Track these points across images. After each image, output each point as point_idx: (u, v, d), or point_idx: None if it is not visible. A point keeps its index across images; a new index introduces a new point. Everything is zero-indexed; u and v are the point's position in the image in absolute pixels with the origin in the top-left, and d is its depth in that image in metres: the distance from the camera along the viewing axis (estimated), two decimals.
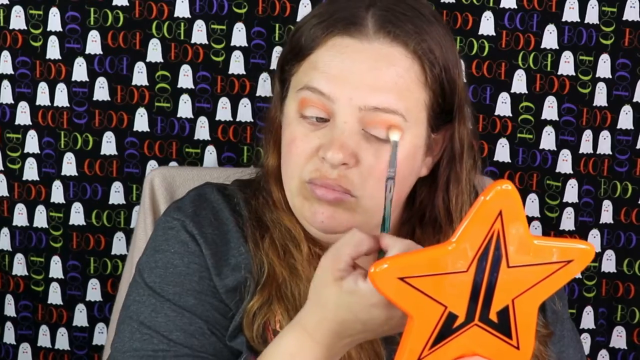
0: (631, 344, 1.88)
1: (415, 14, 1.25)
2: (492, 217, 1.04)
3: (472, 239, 1.04)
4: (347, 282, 1.07)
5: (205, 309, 1.26)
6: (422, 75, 1.23)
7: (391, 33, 1.22)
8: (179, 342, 1.24)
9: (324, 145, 1.22)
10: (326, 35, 1.24)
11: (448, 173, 1.30)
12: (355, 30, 1.23)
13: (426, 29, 1.24)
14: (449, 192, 1.30)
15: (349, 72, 1.21)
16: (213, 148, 1.80)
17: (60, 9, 1.75)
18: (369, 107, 1.21)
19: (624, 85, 1.81)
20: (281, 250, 1.28)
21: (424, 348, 1.06)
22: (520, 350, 1.10)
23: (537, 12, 1.79)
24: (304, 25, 1.28)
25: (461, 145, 1.29)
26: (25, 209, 1.80)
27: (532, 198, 1.82)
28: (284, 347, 1.13)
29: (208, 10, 1.77)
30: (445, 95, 1.26)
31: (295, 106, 1.25)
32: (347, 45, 1.23)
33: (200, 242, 1.28)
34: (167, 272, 1.28)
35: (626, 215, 1.85)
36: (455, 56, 1.28)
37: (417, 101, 1.23)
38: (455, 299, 1.06)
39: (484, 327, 1.08)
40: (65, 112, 1.78)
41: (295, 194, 1.26)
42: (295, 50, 1.28)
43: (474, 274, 1.05)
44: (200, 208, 1.31)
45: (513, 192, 1.05)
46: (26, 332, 1.83)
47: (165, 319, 1.25)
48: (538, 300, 1.10)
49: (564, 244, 1.10)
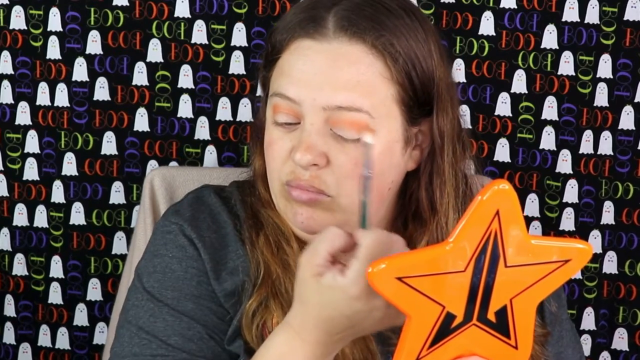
0: (633, 345, 1.88)
1: (377, 10, 1.24)
2: (489, 216, 1.04)
3: (470, 238, 1.04)
4: (325, 278, 1.07)
5: (203, 313, 1.26)
6: (386, 70, 1.23)
7: (349, 31, 1.22)
8: (177, 347, 1.24)
9: (294, 147, 1.23)
10: (290, 39, 1.25)
11: (430, 166, 1.29)
12: (315, 31, 1.23)
13: (387, 23, 1.23)
14: (432, 185, 1.29)
15: (311, 74, 1.22)
16: (213, 148, 1.80)
17: (61, 9, 1.75)
18: (333, 106, 1.21)
19: (625, 86, 1.81)
20: (274, 247, 1.28)
21: (422, 348, 1.06)
22: (518, 350, 1.10)
23: (537, 12, 1.78)
24: (275, 29, 1.29)
25: (441, 136, 1.27)
26: (25, 209, 1.80)
27: (532, 198, 1.82)
28: (274, 347, 1.13)
29: (208, 10, 1.77)
30: (415, 87, 1.25)
31: (270, 112, 1.27)
32: (309, 47, 1.23)
33: (198, 246, 1.29)
34: (165, 277, 1.28)
35: (628, 216, 1.85)
36: (429, 46, 1.26)
37: (384, 97, 1.23)
38: (453, 298, 1.05)
39: (482, 327, 1.08)
40: (65, 112, 1.78)
41: (277, 195, 1.28)
42: (267, 54, 1.29)
43: (471, 273, 1.05)
44: (198, 211, 1.32)
45: (510, 192, 1.04)
46: (26, 332, 1.84)
47: (163, 324, 1.26)
48: (536, 299, 1.09)
49: (561, 244, 1.10)
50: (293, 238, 1.29)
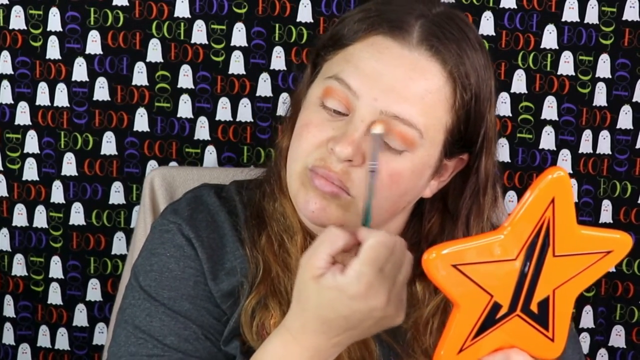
0: (630, 343, 1.89)
1: (462, 37, 1.22)
2: (544, 204, 1.03)
3: (524, 226, 1.04)
4: (325, 279, 1.07)
5: (200, 313, 1.26)
6: (452, 97, 1.21)
7: (433, 47, 1.20)
8: (173, 347, 1.24)
9: (336, 137, 1.20)
10: (369, 32, 1.22)
11: (470, 206, 1.28)
12: (400, 34, 1.20)
13: (468, 53, 1.22)
14: (469, 226, 1.28)
15: (382, 74, 1.19)
16: (213, 148, 1.80)
17: (60, 9, 1.75)
18: (390, 113, 1.19)
19: (623, 85, 1.81)
20: (277, 245, 1.27)
21: (467, 338, 1.05)
22: (554, 342, 1.09)
23: (537, 12, 1.79)
24: (349, 16, 1.26)
25: (486, 177, 1.27)
26: (25, 209, 1.80)
27: None
28: (271, 351, 1.13)
29: (208, 10, 1.77)
30: (469, 123, 1.24)
31: (319, 92, 1.23)
32: (388, 47, 1.20)
33: (196, 246, 1.28)
34: (162, 276, 1.27)
35: (625, 215, 1.86)
36: (491, 90, 1.25)
37: (439, 121, 1.21)
38: (501, 288, 1.05)
39: (525, 317, 1.07)
40: (65, 112, 1.78)
41: (294, 177, 1.24)
42: (334, 38, 1.25)
43: (521, 262, 1.05)
44: (196, 211, 1.31)
45: (566, 180, 1.04)
46: (26, 333, 1.83)
47: (159, 324, 1.25)
48: (576, 291, 1.09)
49: (607, 234, 1.09)
50: (300, 231, 1.27)
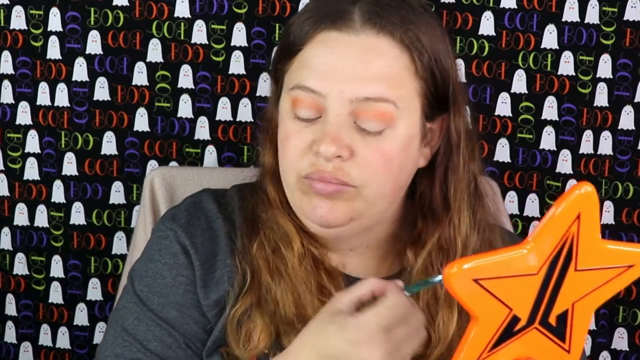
0: (633, 345, 1.88)
1: (401, 5, 1.25)
2: (570, 220, 1.04)
3: (548, 241, 1.04)
4: (338, 313, 1.10)
5: (185, 322, 1.27)
6: (412, 64, 1.24)
7: (377, 24, 1.23)
8: (155, 353, 1.25)
9: (317, 139, 1.22)
10: (314, 31, 1.24)
11: (446, 163, 1.30)
12: (342, 23, 1.23)
13: (412, 18, 1.25)
14: (447, 182, 1.30)
15: (338, 66, 1.22)
16: (213, 148, 1.80)
17: (61, 9, 1.75)
18: (360, 98, 1.21)
19: (625, 86, 1.81)
20: (270, 252, 1.28)
21: (484, 350, 1.05)
22: (570, 353, 1.09)
23: (537, 12, 1.78)
24: (293, 22, 1.28)
25: (457, 134, 1.29)
26: (26, 208, 1.81)
27: (532, 198, 1.82)
28: None
29: (208, 10, 1.77)
30: (437, 83, 1.26)
31: (288, 105, 1.26)
32: (335, 39, 1.23)
33: (191, 253, 1.29)
34: (155, 282, 1.29)
35: (628, 216, 1.85)
36: (446, 46, 1.28)
37: (408, 89, 1.24)
38: (521, 301, 1.05)
39: (543, 330, 1.07)
40: (65, 112, 1.78)
41: (293, 189, 1.26)
42: (286, 48, 1.28)
43: (543, 277, 1.04)
44: (194, 217, 1.32)
45: (593, 196, 1.04)
46: (27, 331, 1.84)
47: (145, 328, 1.27)
48: (595, 304, 1.09)
49: (630, 249, 1.09)
50: (296, 238, 1.28)
